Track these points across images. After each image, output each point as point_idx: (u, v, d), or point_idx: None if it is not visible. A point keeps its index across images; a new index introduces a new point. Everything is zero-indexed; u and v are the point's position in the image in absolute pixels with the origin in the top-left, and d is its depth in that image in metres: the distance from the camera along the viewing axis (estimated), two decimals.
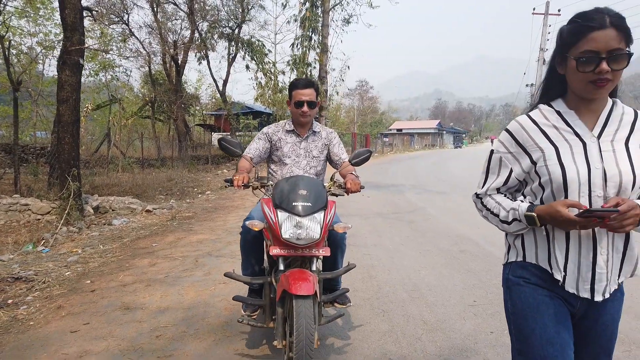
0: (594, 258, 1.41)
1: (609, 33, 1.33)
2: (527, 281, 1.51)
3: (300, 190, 2.47)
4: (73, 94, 8.67)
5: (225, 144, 2.79)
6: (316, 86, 3.04)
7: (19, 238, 7.07)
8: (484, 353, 2.92)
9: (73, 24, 8.62)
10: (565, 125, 1.47)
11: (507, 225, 1.52)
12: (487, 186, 1.61)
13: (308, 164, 3.12)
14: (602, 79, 1.35)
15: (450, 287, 4.23)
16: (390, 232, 6.86)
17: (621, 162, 1.40)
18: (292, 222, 2.39)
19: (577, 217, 1.32)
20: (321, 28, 26.85)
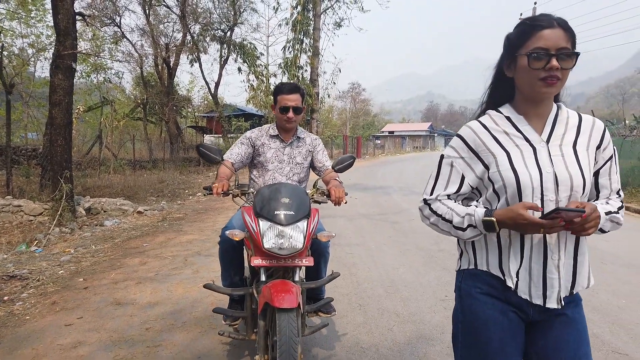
0: (545, 263, 1.41)
1: (557, 32, 1.37)
2: (479, 291, 1.50)
3: (283, 198, 2.39)
4: (65, 98, 8.84)
5: (204, 150, 2.68)
6: (302, 91, 2.97)
7: (12, 238, 7.21)
8: (448, 342, 3.17)
9: (66, 29, 8.80)
10: (515, 130, 1.48)
11: (462, 231, 1.47)
12: (437, 192, 1.56)
13: (291, 171, 3.04)
14: (552, 76, 1.37)
15: (425, 283, 4.49)
16: (374, 233, 7.12)
17: (570, 165, 1.42)
18: (274, 231, 2.30)
19: (543, 220, 1.31)
20: (312, 31, 27.11)
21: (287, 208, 2.36)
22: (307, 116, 28.31)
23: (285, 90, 2.93)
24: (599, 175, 1.50)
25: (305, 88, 18.91)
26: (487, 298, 1.47)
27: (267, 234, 2.31)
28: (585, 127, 1.48)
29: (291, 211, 2.36)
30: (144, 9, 22.91)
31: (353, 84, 68.85)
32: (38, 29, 22.52)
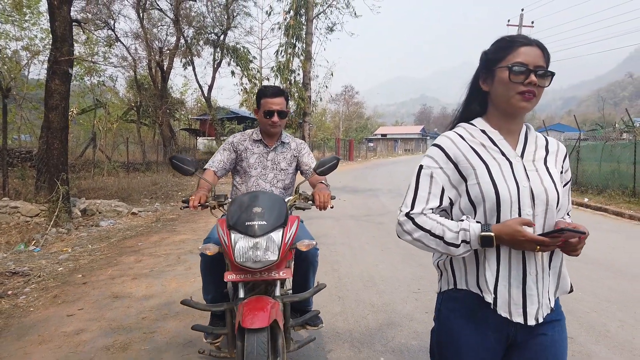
0: (524, 279, 1.40)
1: (536, 50, 1.41)
2: (457, 315, 1.48)
3: (255, 208, 2.26)
4: (62, 102, 9.14)
5: (177, 163, 2.47)
6: (286, 95, 2.91)
7: (10, 238, 7.48)
8: (415, 328, 3.53)
9: (63, 35, 9.08)
10: (492, 143, 1.48)
11: (455, 248, 1.40)
12: (419, 205, 1.48)
13: (275, 177, 2.96)
14: (530, 91, 1.39)
15: (400, 278, 4.84)
16: (359, 233, 7.46)
17: (545, 180, 1.43)
18: (246, 243, 2.16)
19: (545, 238, 1.31)
20: (305, 36, 27.48)
21: (260, 218, 2.21)
22: (299, 119, 28.69)
23: (269, 93, 2.84)
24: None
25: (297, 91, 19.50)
26: (465, 322, 1.45)
27: (239, 247, 2.16)
28: (552, 149, 1.54)
29: (263, 221, 2.21)
30: (138, 13, 23.16)
31: (346, 87, 69.34)
32: (32, 31, 22.70)
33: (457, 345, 1.45)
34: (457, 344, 1.45)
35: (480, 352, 1.43)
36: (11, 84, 16.45)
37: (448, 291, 1.52)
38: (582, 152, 14.94)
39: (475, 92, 1.56)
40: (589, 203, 12.31)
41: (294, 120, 28.71)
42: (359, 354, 3.08)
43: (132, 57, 23.80)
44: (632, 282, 4.88)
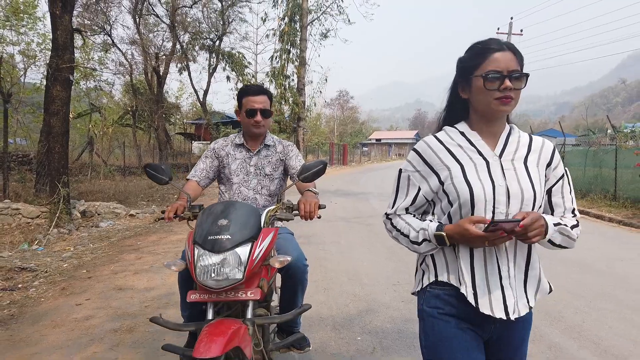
0: (500, 274, 1.45)
1: (508, 55, 1.45)
2: (440, 312, 1.51)
3: (221, 220, 2.06)
4: (63, 108, 9.49)
5: (151, 172, 2.37)
6: (269, 94, 2.78)
7: (14, 239, 7.81)
8: (391, 314, 3.93)
9: (64, 44, 9.45)
10: (469, 144, 1.53)
11: (418, 245, 1.52)
12: (396, 206, 1.60)
13: (259, 183, 2.79)
14: (507, 96, 1.43)
15: (383, 272, 5.24)
16: (348, 233, 7.86)
17: (522, 179, 1.47)
18: (209, 260, 1.96)
19: (484, 233, 1.35)
20: (299, 42, 27.94)
21: (225, 231, 2.01)
22: (293, 124, 29.10)
23: (252, 91, 2.72)
24: (551, 193, 1.57)
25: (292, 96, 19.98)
26: (448, 317, 1.49)
27: (200, 263, 1.96)
28: (536, 146, 1.56)
29: (227, 235, 1.99)
30: (134, 19, 23.49)
31: (341, 91, 69.72)
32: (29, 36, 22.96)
33: (446, 336, 1.48)
34: (446, 335, 1.48)
35: (467, 340, 1.48)
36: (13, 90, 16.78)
37: (428, 288, 1.56)
38: (567, 157, 15.43)
39: (455, 99, 1.61)
40: None
41: (288, 124, 29.15)
42: (339, 334, 3.47)
43: (128, 62, 24.17)
44: (596, 277, 5.30)
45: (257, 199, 2.77)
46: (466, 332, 1.48)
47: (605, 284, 5.00)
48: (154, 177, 2.37)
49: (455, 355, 1.46)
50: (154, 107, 23.93)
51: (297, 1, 27.53)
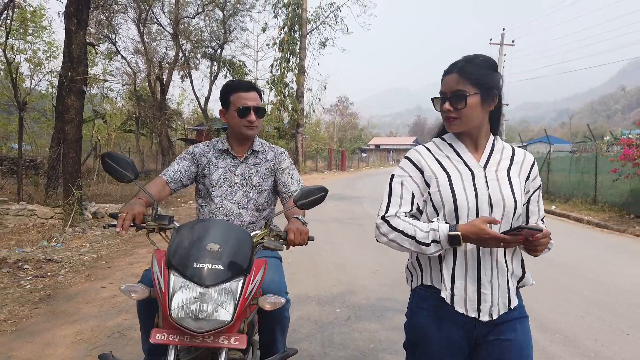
0: (478, 278, 1.52)
1: (453, 77, 1.55)
2: (425, 313, 1.60)
3: (210, 244, 1.69)
4: (77, 116, 10.26)
5: (110, 163, 1.89)
6: (259, 91, 2.44)
7: (32, 237, 8.54)
8: (367, 294, 4.69)
9: (78, 57, 10.22)
10: (457, 155, 1.62)
11: (426, 247, 1.50)
12: (394, 209, 1.60)
13: (245, 196, 2.38)
14: (448, 117, 1.56)
15: (366, 263, 5.99)
16: (341, 232, 8.59)
17: (504, 189, 1.55)
18: (190, 293, 1.59)
19: (506, 236, 1.40)
20: (298, 51, 28.84)
21: (215, 259, 1.65)
22: (292, 129, 29.92)
23: (242, 87, 2.35)
24: (529, 202, 1.68)
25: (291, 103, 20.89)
26: (433, 319, 1.57)
27: (179, 297, 1.58)
28: (518, 159, 1.66)
29: (219, 264, 1.64)
30: (138, 28, 24.26)
31: (340, 97, 70.49)
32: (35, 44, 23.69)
33: (428, 337, 1.57)
34: (427, 335, 1.57)
35: (447, 345, 1.55)
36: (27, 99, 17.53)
37: (417, 289, 1.65)
38: (552, 163, 16.18)
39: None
40: (555, 210, 13.49)
41: (287, 131, 29.97)
42: (322, 308, 4.22)
43: (132, 70, 24.96)
44: (561, 271, 6.01)
45: (242, 214, 2.35)
46: (448, 333, 1.55)
47: (574, 281, 5.72)
48: (114, 171, 1.87)
49: (434, 355, 1.57)
50: (157, 114, 24.69)
51: (296, 11, 28.49)
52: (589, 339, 3.76)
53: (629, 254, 7.71)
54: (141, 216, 1.90)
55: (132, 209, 1.89)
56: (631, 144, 10.69)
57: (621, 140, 11.71)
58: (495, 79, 1.57)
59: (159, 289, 1.63)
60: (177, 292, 1.58)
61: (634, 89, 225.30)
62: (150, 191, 2.08)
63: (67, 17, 10.18)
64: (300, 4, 28.04)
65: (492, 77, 1.56)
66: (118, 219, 1.84)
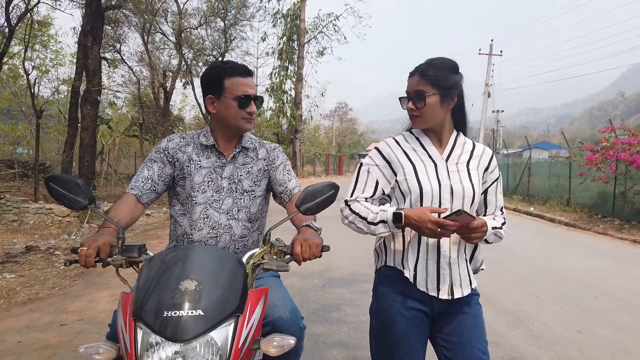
0: (438, 260, 1.68)
1: (415, 79, 1.71)
2: (390, 290, 1.73)
3: (185, 282, 1.25)
4: (92, 124, 11.34)
5: (56, 188, 1.49)
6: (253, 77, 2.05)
7: (53, 232, 9.58)
8: (340, 271, 5.75)
9: (94, 70, 11.31)
10: (422, 148, 1.76)
11: (374, 226, 1.65)
12: (357, 194, 1.75)
13: (235, 204, 1.97)
14: (411, 116, 1.74)
15: (345, 250, 7.03)
16: (326, 225, 9.62)
17: (464, 180, 1.70)
18: (163, 353, 1.16)
19: (440, 219, 1.53)
20: (297, 60, 29.96)
21: (192, 302, 1.21)
22: (291, 135, 30.99)
23: (240, 71, 1.91)
24: (487, 193, 1.81)
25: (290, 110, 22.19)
26: (396, 296, 1.71)
27: (148, 358, 1.16)
28: (477, 152, 1.80)
29: (198, 308, 1.20)
30: (143, 37, 25.28)
31: (340, 103, 71.19)
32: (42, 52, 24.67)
33: (392, 313, 1.70)
34: (392, 312, 1.71)
35: (409, 319, 1.69)
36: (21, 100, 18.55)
37: (381, 269, 1.80)
38: (532, 168, 17.25)
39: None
40: (532, 211, 14.54)
41: (286, 136, 31.03)
42: (302, 280, 5.28)
43: (137, 77, 26.01)
44: (509, 258, 7.04)
45: (233, 226, 1.95)
46: (410, 310, 1.70)
47: (518, 265, 6.76)
48: (63, 197, 1.51)
49: (398, 330, 1.69)
50: (161, 120, 25.68)
51: (294, 22, 29.65)
52: (507, 300, 4.86)
53: (578, 247, 8.78)
54: (107, 249, 1.54)
55: (95, 240, 1.53)
56: (593, 149, 11.73)
57: (584, 146, 12.75)
58: (453, 79, 1.70)
59: (125, 348, 1.22)
60: (148, 353, 1.16)
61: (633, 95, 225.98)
62: (118, 213, 1.76)
63: (83, 34, 11.29)
64: (299, 15, 29.17)
65: (450, 78, 1.69)
66: (79, 254, 1.49)
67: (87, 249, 1.52)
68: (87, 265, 1.54)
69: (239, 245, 1.98)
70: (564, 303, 4.78)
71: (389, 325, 1.71)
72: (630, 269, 6.78)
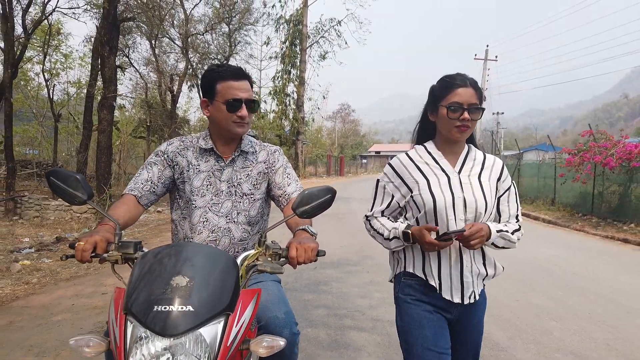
0: (461, 269, 1.78)
1: (469, 91, 1.74)
2: (412, 298, 1.81)
3: (175, 278, 1.26)
4: (108, 127, 12.28)
5: (56, 182, 1.57)
6: (251, 79, 2.01)
7: (73, 226, 10.53)
8: (331, 257, 6.64)
9: (110, 78, 12.24)
10: (434, 162, 1.84)
11: (389, 241, 1.80)
12: (374, 209, 1.91)
13: (235, 208, 1.98)
14: (464, 125, 1.74)
15: (338, 241, 7.97)
16: (324, 222, 10.55)
17: (476, 192, 1.78)
18: (152, 347, 1.17)
19: (435, 240, 1.64)
20: (299, 64, 30.87)
21: (183, 297, 1.22)
22: (293, 137, 31.87)
23: (230, 74, 1.91)
24: (499, 202, 1.88)
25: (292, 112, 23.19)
26: (419, 303, 1.81)
27: (138, 353, 1.17)
28: (488, 164, 1.89)
29: (188, 304, 1.21)
30: (151, 42, 26.15)
31: (342, 104, 71.51)
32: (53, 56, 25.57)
33: (418, 319, 1.79)
34: (417, 318, 1.79)
35: (435, 322, 1.78)
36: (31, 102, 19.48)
37: (401, 277, 1.87)
38: (522, 169, 18.12)
39: (425, 121, 1.94)
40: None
41: (288, 138, 31.93)
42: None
43: (144, 81, 26.95)
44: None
45: (232, 229, 1.99)
46: (433, 314, 1.78)
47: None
48: (62, 192, 1.57)
49: (425, 333, 1.75)
50: (168, 122, 26.56)
51: (297, 27, 30.56)
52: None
53: (551, 241, 9.65)
54: (103, 244, 1.55)
55: (91, 236, 1.55)
56: (570, 152, 12.62)
57: (563, 150, 13.62)
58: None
59: (114, 341, 1.24)
60: (136, 346, 1.17)
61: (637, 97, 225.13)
62: (116, 212, 1.81)
63: (100, 45, 12.24)
64: (301, 20, 30.09)
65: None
66: (76, 249, 1.51)
67: (84, 243, 1.51)
68: (83, 260, 1.51)
69: (238, 249, 1.98)
70: (516, 282, 5.66)
71: (417, 331, 1.78)
72: (587, 257, 7.70)
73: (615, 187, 11.89)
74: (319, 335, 3.79)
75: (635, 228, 10.59)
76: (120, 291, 1.35)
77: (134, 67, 26.38)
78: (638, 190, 11.12)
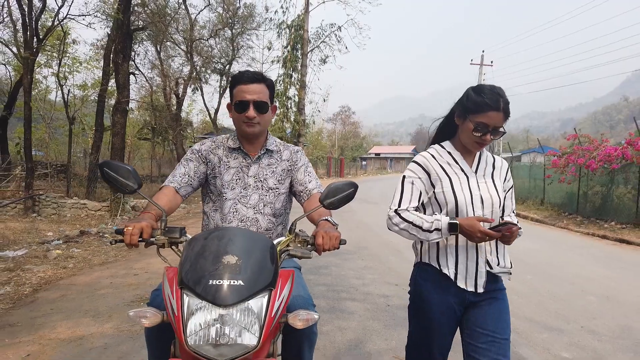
0: (477, 261, 1.94)
1: (499, 115, 1.85)
2: (427, 282, 2.01)
3: (226, 256, 1.39)
4: (121, 130, 13.06)
5: (110, 172, 1.67)
6: (269, 82, 2.14)
7: (89, 223, 11.29)
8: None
9: (124, 84, 13.05)
10: (455, 162, 2.00)
11: (429, 233, 1.87)
12: (405, 204, 1.96)
13: (261, 200, 2.17)
14: (484, 143, 1.92)
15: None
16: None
17: (491, 190, 1.98)
18: (207, 316, 1.30)
19: (489, 231, 1.80)
20: (300, 68, 31.54)
21: (234, 273, 1.35)
22: (294, 139, 32.45)
23: (245, 78, 2.07)
24: (505, 198, 2.08)
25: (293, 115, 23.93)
26: (433, 287, 1.99)
27: (195, 321, 1.30)
28: (497, 165, 2.09)
29: (238, 279, 1.33)
30: (156, 47, 26.87)
31: (343, 106, 72.01)
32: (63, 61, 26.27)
33: (429, 302, 1.99)
34: (429, 301, 1.99)
35: (444, 308, 1.96)
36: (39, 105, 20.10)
37: (418, 264, 2.09)
38: (514, 170, 18.87)
39: (449, 120, 2.08)
40: None
41: (289, 140, 32.57)
42: None
43: (150, 84, 27.69)
44: None
45: (259, 219, 2.17)
46: (445, 301, 1.96)
47: None
48: (114, 181, 1.67)
49: (433, 317, 1.98)
50: (173, 124, 27.28)
51: (298, 32, 31.20)
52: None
53: (532, 237, 10.43)
54: (149, 230, 1.70)
55: (138, 222, 1.69)
56: (555, 154, 13.40)
57: (549, 152, 14.40)
58: None
59: (172, 312, 1.35)
60: (193, 316, 1.29)
61: (637, 99, 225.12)
62: (160, 202, 1.99)
63: (115, 53, 13.04)
64: (302, 25, 30.81)
65: None
66: (124, 234, 1.65)
67: (132, 229, 1.65)
68: (132, 244, 1.65)
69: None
70: None
71: (425, 312, 2.01)
72: (562, 250, 8.50)
73: (598, 188, 12.66)
74: (320, 303, 4.56)
75: (615, 226, 11.37)
76: (173, 269, 1.51)
77: (140, 71, 27.09)
78: (619, 190, 11.89)
